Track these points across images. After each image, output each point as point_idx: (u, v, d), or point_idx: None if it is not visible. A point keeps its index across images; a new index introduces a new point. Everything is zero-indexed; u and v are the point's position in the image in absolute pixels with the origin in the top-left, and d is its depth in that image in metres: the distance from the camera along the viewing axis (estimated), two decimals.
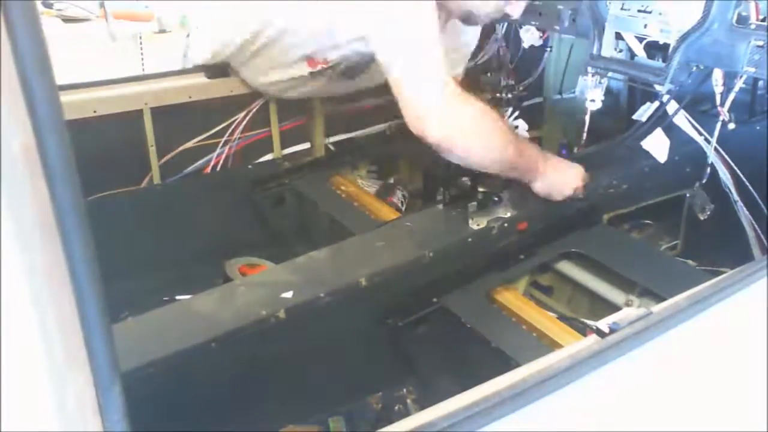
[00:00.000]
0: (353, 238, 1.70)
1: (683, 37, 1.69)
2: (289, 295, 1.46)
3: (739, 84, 1.69)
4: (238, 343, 1.35)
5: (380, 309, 1.52)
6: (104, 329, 0.49)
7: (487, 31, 2.30)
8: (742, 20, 1.62)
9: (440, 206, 1.74)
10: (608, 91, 2.34)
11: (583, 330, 1.38)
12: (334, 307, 1.44)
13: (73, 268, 0.47)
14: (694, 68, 1.72)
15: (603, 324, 0.90)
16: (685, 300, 0.95)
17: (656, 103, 1.95)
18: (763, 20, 1.60)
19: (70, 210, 0.46)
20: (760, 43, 1.56)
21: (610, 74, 2.09)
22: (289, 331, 1.41)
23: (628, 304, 1.56)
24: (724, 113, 1.73)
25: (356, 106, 2.25)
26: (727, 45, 1.62)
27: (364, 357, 1.61)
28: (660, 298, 1.39)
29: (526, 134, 1.71)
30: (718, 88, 1.71)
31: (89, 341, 0.49)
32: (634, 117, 2.03)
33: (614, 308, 1.54)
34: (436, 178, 1.80)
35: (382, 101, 2.26)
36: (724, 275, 1.03)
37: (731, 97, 1.71)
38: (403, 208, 2.11)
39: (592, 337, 0.89)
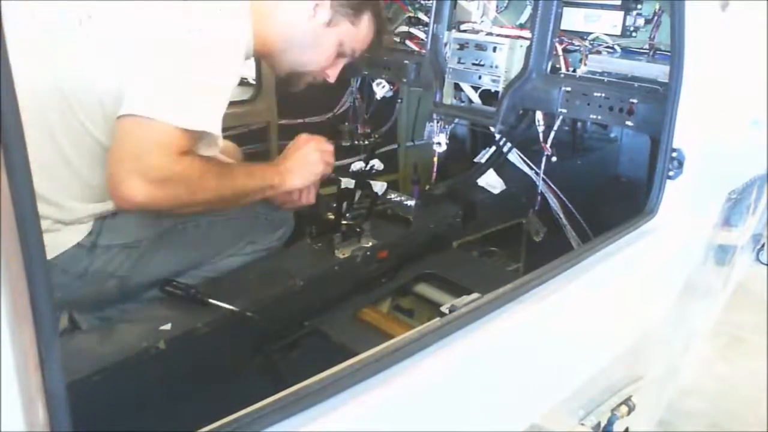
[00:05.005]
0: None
1: (509, 85, 1.98)
2: (167, 327, 1.55)
3: (557, 123, 1.98)
4: (122, 374, 1.42)
5: (256, 336, 1.63)
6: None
7: (343, 85, 2.52)
8: (554, 70, 1.93)
9: (308, 240, 1.89)
10: (455, 137, 2.63)
11: None
12: (210, 336, 1.54)
13: None
14: (521, 111, 2.01)
15: (445, 308, 1.09)
16: (504, 292, 1.17)
17: (494, 147, 2.24)
18: (573, 71, 1.91)
19: None
20: (569, 89, 1.86)
21: (456, 121, 2.37)
22: (169, 359, 1.49)
23: None
24: (547, 149, 2.02)
25: None
26: (544, 91, 1.92)
27: (243, 382, 1.70)
28: None
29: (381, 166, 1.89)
30: (541, 128, 2.00)
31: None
32: (476, 160, 2.30)
33: None
34: (304, 216, 1.94)
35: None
36: (529, 274, 1.26)
37: (551, 134, 2.00)
38: None
39: (438, 319, 1.07)
